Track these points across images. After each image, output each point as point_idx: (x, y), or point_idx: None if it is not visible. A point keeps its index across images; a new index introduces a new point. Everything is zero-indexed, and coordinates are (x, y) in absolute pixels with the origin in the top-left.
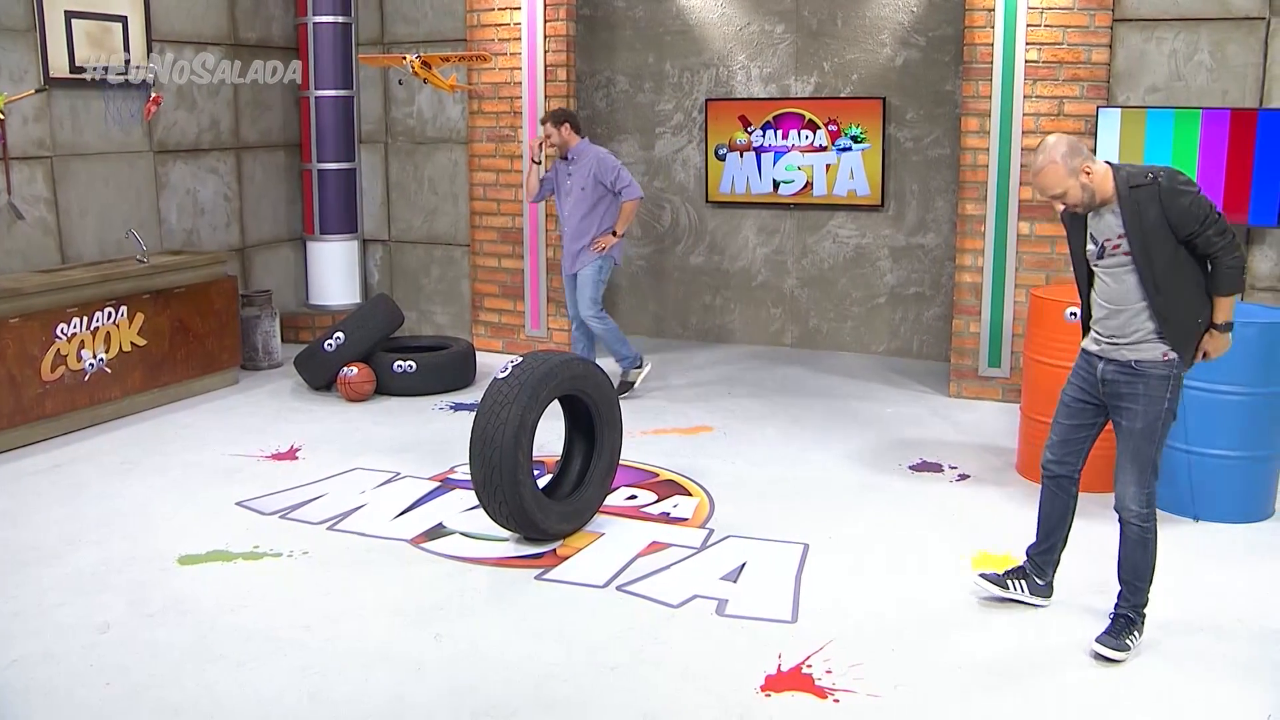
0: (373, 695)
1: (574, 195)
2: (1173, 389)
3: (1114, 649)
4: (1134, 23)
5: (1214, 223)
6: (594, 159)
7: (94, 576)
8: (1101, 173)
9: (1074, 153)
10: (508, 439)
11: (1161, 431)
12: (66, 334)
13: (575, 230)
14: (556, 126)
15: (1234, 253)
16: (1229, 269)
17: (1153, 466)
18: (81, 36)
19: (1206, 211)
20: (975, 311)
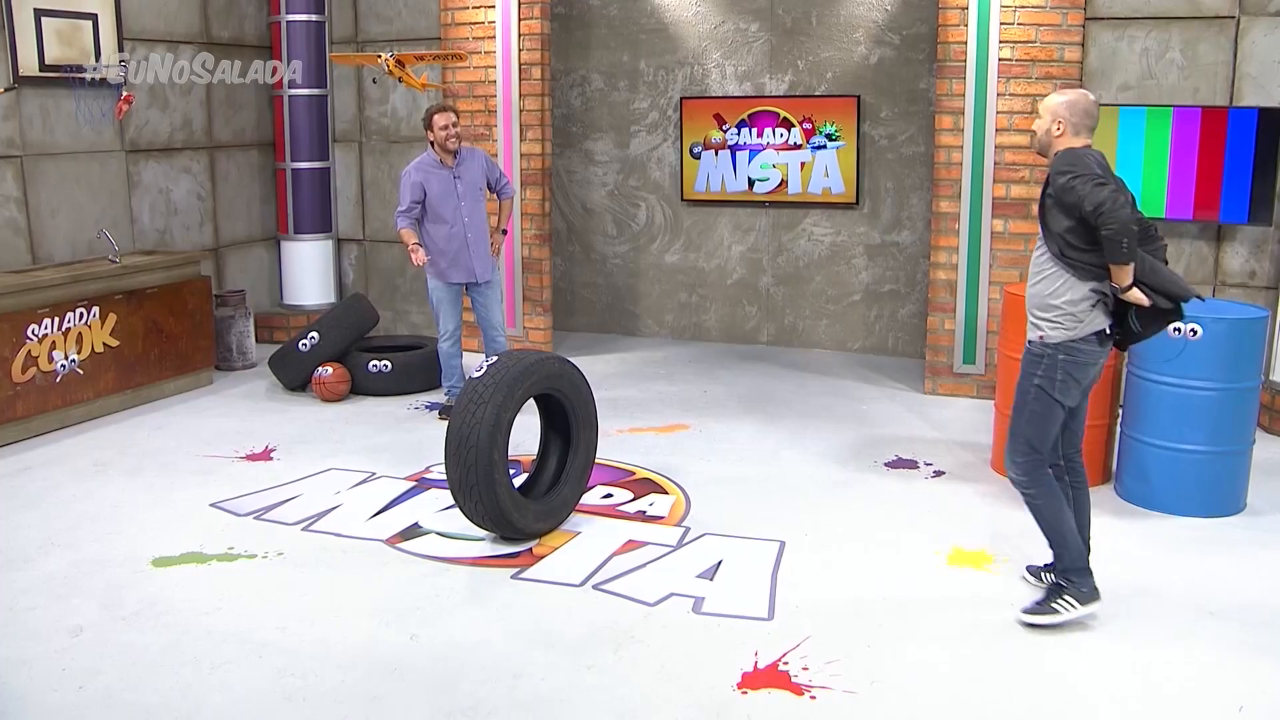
0: (349, 696)
1: (470, 198)
2: (1044, 369)
3: (1032, 613)
4: (1106, 21)
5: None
6: (482, 158)
7: (66, 580)
8: (1063, 142)
9: (1073, 111)
10: (483, 438)
11: (1029, 407)
12: (37, 335)
13: (482, 233)
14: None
15: (1110, 225)
16: (1106, 239)
17: (1024, 440)
18: (51, 35)
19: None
20: (950, 309)
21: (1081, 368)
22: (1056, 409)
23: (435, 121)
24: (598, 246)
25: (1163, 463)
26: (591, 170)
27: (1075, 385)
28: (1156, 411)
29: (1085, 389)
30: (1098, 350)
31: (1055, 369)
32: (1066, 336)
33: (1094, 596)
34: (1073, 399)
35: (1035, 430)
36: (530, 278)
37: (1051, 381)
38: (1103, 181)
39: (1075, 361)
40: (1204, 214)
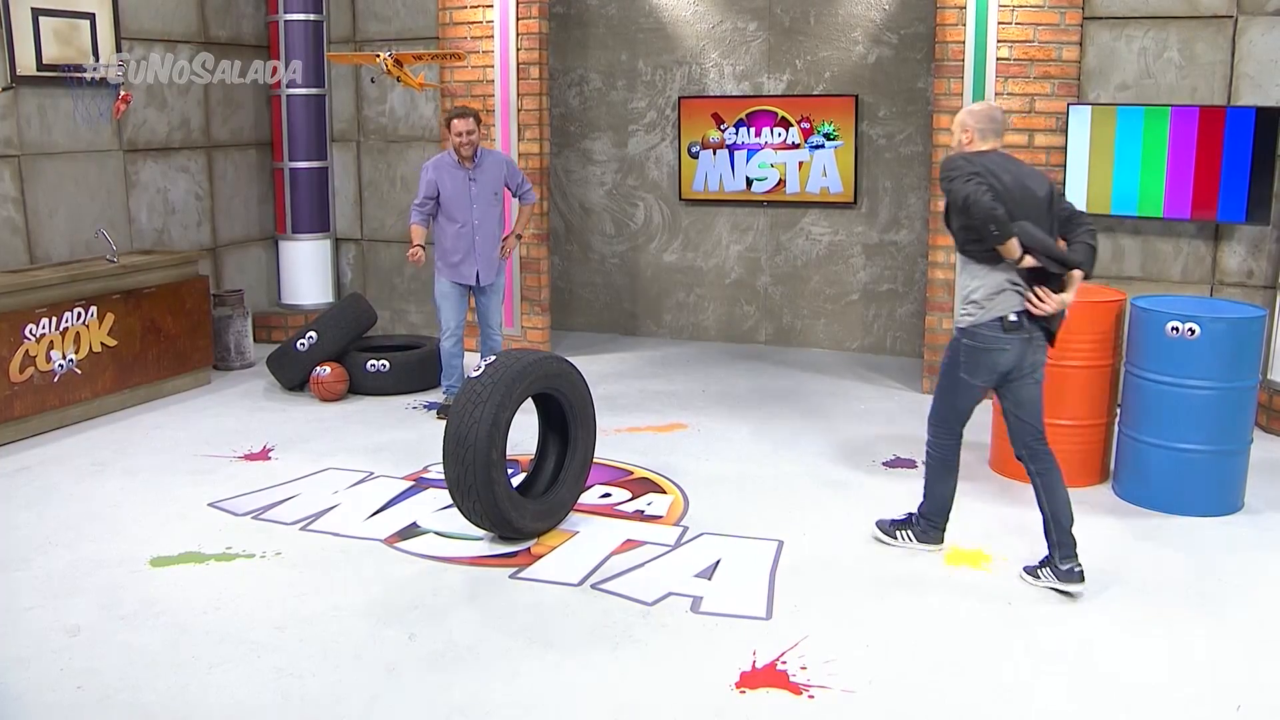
0: (347, 696)
1: (484, 201)
2: (953, 351)
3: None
4: (1104, 20)
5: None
6: (503, 162)
7: (64, 579)
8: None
9: (978, 119)
10: (481, 438)
11: (942, 384)
12: (35, 335)
13: (491, 237)
14: (478, 125)
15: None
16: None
17: (939, 411)
18: (49, 34)
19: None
20: (948, 308)
21: (985, 352)
22: (965, 385)
23: (454, 126)
24: (596, 246)
25: (1161, 462)
26: (590, 170)
27: (983, 368)
28: (1154, 411)
29: (1005, 374)
30: (1002, 336)
31: (959, 353)
32: (970, 323)
33: (935, 541)
34: (982, 379)
35: (948, 405)
36: (528, 277)
37: (957, 363)
38: (970, 177)
39: (977, 346)
40: (1201, 213)
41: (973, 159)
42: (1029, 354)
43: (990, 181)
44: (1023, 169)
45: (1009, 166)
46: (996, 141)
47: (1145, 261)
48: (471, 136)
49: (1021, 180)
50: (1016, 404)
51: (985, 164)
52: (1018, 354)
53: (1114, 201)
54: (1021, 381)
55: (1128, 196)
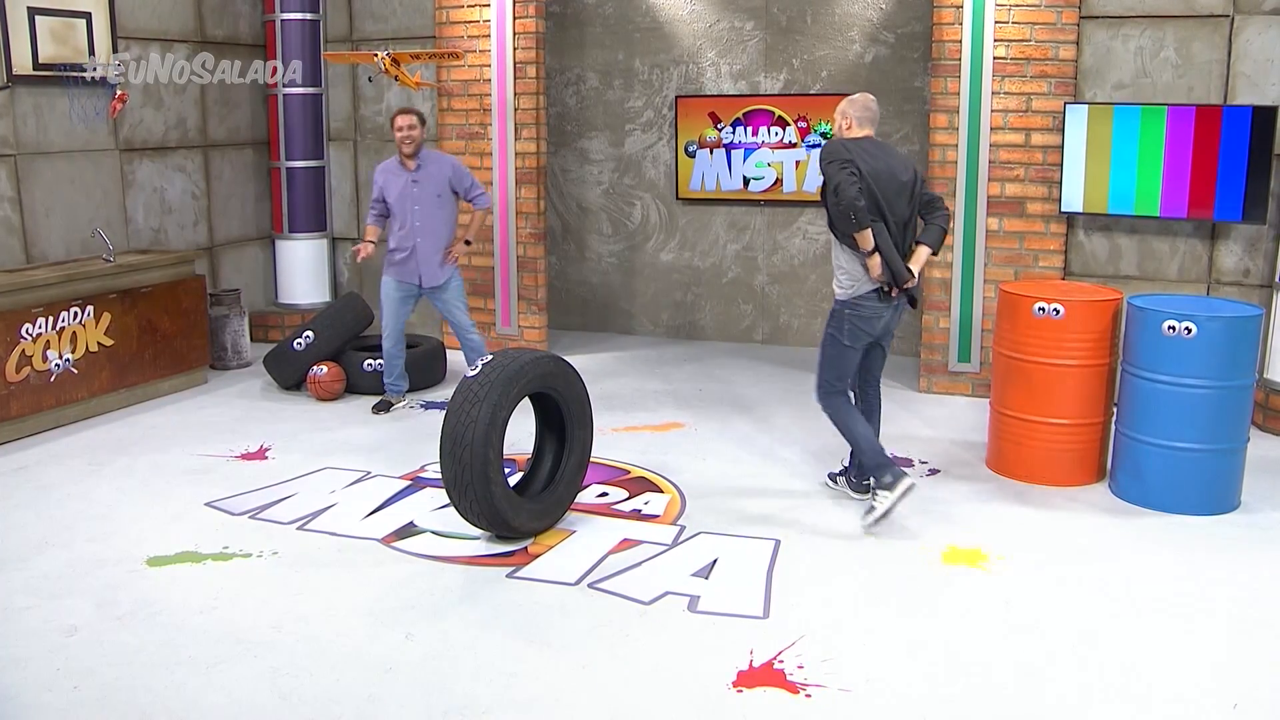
0: (344, 695)
1: (426, 203)
2: (835, 321)
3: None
4: (1101, 20)
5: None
6: (448, 165)
7: (61, 579)
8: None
9: (855, 107)
10: (478, 437)
11: (827, 351)
12: (32, 334)
13: (435, 240)
14: (421, 124)
15: (840, 202)
16: (838, 213)
17: (826, 376)
18: (45, 33)
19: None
20: (945, 307)
21: (865, 320)
22: (848, 352)
23: (395, 122)
24: (593, 245)
25: (1157, 461)
26: (586, 169)
27: (862, 333)
28: (1151, 409)
29: (876, 337)
30: (878, 305)
31: (843, 321)
32: (848, 295)
33: (900, 478)
34: (861, 344)
35: (833, 369)
36: (525, 276)
37: (840, 330)
38: (845, 165)
39: (859, 315)
40: (1198, 212)
41: (849, 145)
42: (894, 320)
43: (861, 167)
44: (892, 155)
45: (879, 152)
46: (871, 129)
47: (1142, 260)
48: (412, 132)
49: (889, 165)
50: (874, 361)
51: (859, 150)
52: (888, 320)
53: (1111, 200)
54: (881, 343)
55: (1124, 195)
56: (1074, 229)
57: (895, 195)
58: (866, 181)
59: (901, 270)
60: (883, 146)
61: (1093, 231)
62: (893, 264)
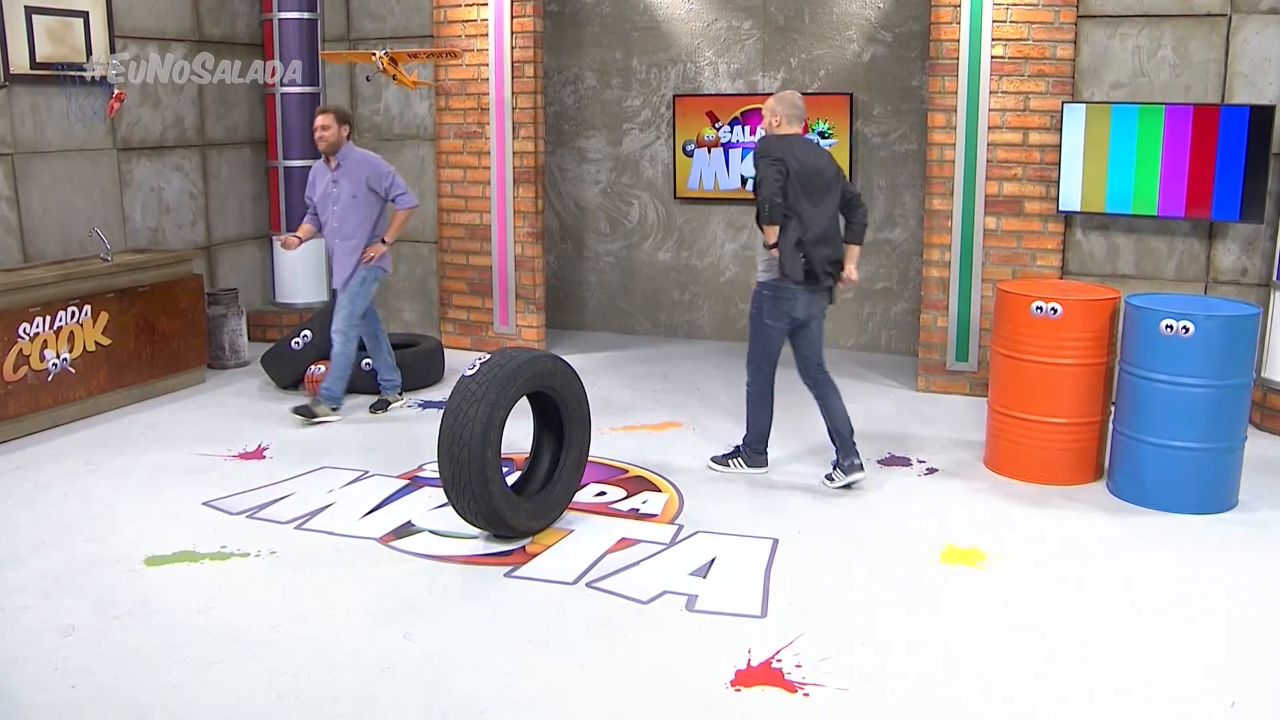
0: (342, 695)
1: (342, 203)
2: (757, 303)
3: (717, 462)
4: (1099, 19)
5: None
6: (365, 165)
7: (59, 579)
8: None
9: (784, 104)
10: (476, 436)
11: (753, 331)
12: (29, 334)
13: (347, 241)
14: (339, 123)
15: (759, 196)
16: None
17: (755, 355)
18: (42, 32)
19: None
20: (943, 306)
21: (783, 301)
22: (771, 330)
23: (314, 121)
24: (590, 244)
25: (1155, 460)
26: (584, 168)
27: (781, 314)
28: (1149, 408)
29: (801, 321)
30: (794, 288)
31: (763, 302)
32: (769, 276)
33: (760, 465)
34: (781, 323)
35: (759, 345)
36: (523, 275)
37: (761, 310)
38: (775, 162)
39: (776, 296)
40: (1196, 212)
41: (781, 142)
42: (815, 303)
43: (791, 164)
44: (818, 153)
45: (807, 149)
46: (799, 125)
47: (1139, 260)
48: (325, 132)
49: (815, 162)
50: (805, 344)
51: (790, 146)
52: (806, 303)
53: (1108, 200)
54: (808, 326)
55: (1122, 195)
56: (1072, 228)
57: (821, 190)
58: (795, 178)
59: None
60: (810, 144)
61: (1090, 231)
62: (786, 261)
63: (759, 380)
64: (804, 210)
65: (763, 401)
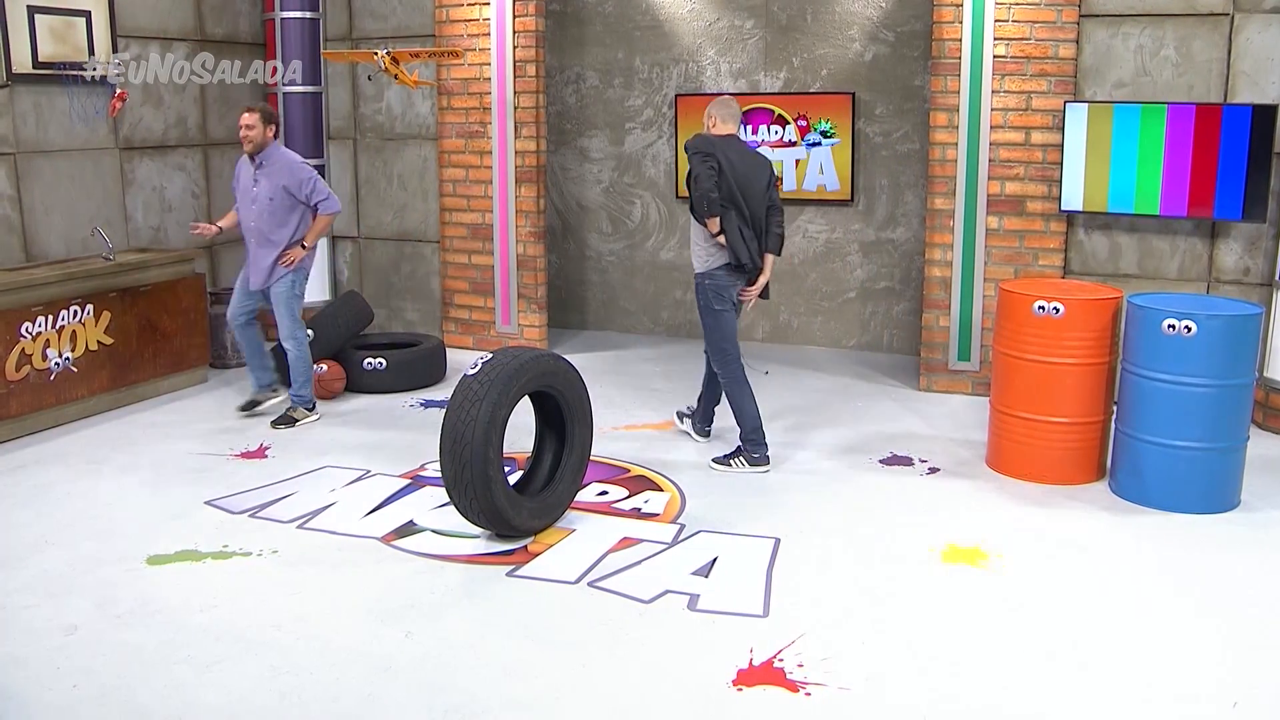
0: (344, 694)
1: (260, 204)
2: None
3: (718, 463)
4: (1101, 18)
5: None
6: (285, 170)
7: (61, 578)
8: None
9: (720, 106)
10: (478, 436)
11: (706, 323)
12: (31, 333)
13: (263, 241)
14: (264, 123)
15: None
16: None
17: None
18: (44, 32)
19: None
20: (945, 306)
21: (722, 287)
22: (723, 315)
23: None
24: (592, 244)
25: (1157, 459)
26: (586, 167)
27: (723, 297)
28: (1151, 408)
29: (735, 303)
30: (729, 276)
31: (706, 290)
32: (704, 268)
33: (763, 463)
34: (727, 305)
35: (718, 332)
36: (525, 275)
37: (707, 299)
38: (707, 158)
39: (715, 283)
40: (1198, 211)
41: (714, 141)
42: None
43: (723, 162)
44: (750, 155)
45: (741, 150)
46: (734, 126)
47: (1142, 259)
48: (250, 132)
49: (747, 162)
50: None
51: (723, 146)
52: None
53: (1110, 199)
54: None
55: (1124, 194)
56: (1074, 227)
57: (751, 190)
58: (727, 176)
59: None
60: (744, 146)
61: (1092, 230)
62: (735, 248)
63: (728, 365)
64: (739, 202)
65: (740, 385)
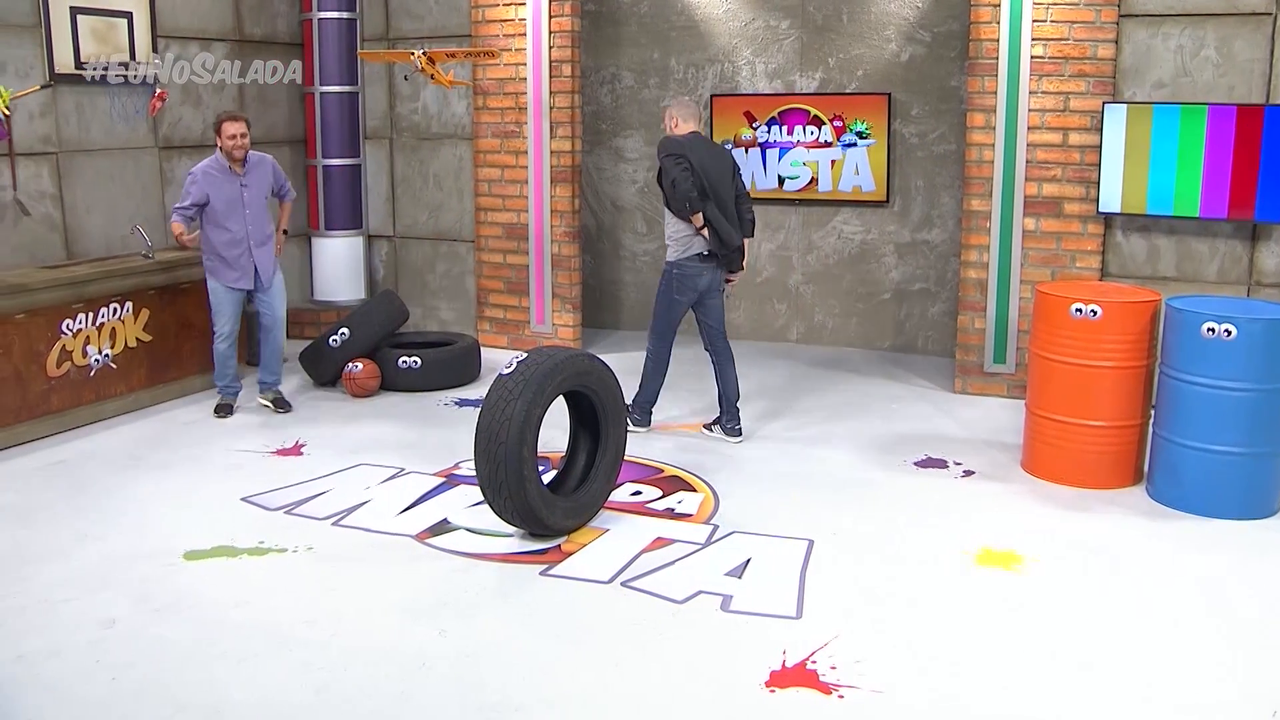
0: (377, 691)
1: (256, 207)
2: (666, 279)
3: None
4: (1140, 18)
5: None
6: (270, 167)
7: (99, 572)
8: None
9: (680, 107)
10: (513, 435)
11: (659, 304)
12: (72, 330)
13: (262, 241)
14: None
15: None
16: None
17: (657, 328)
18: (87, 32)
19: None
20: (980, 307)
21: (689, 278)
22: (676, 304)
23: (224, 129)
24: (627, 244)
25: (1196, 464)
26: (621, 167)
27: (687, 289)
28: (1190, 412)
29: (702, 292)
30: (699, 265)
31: (672, 280)
32: (676, 257)
33: (645, 425)
34: (687, 298)
35: (665, 320)
36: (559, 275)
37: (670, 287)
38: (679, 160)
39: (684, 273)
40: (1239, 213)
41: (681, 141)
42: (716, 279)
43: (693, 159)
44: (714, 148)
45: (706, 146)
46: (695, 123)
47: (1180, 262)
48: (244, 140)
49: (713, 156)
50: (709, 315)
51: (688, 143)
52: (710, 278)
53: (1149, 201)
54: (710, 298)
55: (1163, 196)
56: (1112, 229)
57: (719, 181)
58: (698, 172)
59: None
60: (706, 140)
61: (1131, 232)
62: (723, 234)
63: (660, 349)
64: (711, 194)
65: (660, 369)
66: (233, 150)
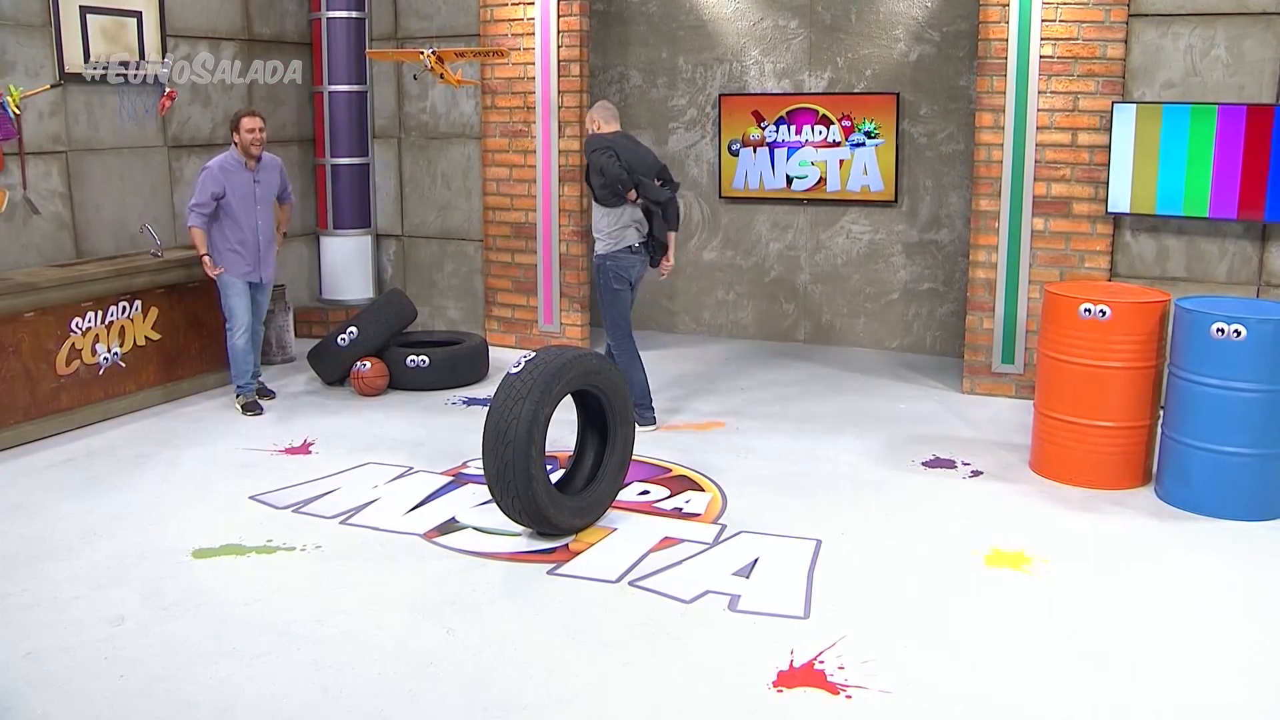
0: (385, 690)
1: (265, 204)
2: (603, 273)
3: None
4: (1150, 18)
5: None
6: (279, 168)
7: (108, 570)
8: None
9: (601, 110)
10: (521, 434)
11: (605, 299)
12: (81, 328)
13: (269, 238)
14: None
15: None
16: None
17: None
18: (96, 32)
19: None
20: (989, 308)
21: (622, 268)
22: (620, 294)
23: (242, 125)
24: None
25: (1205, 465)
26: None
27: (622, 279)
28: (1198, 413)
29: (632, 283)
30: (631, 257)
31: (608, 272)
32: (608, 250)
33: (650, 423)
34: (625, 286)
35: (616, 312)
36: (567, 274)
37: (609, 280)
38: (605, 151)
39: (617, 264)
40: (1249, 213)
41: (606, 138)
42: (643, 270)
43: (621, 154)
44: (638, 147)
45: (628, 143)
46: (616, 124)
47: (1190, 262)
48: (262, 135)
49: (638, 153)
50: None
51: (613, 141)
52: (640, 268)
53: (1159, 201)
54: (633, 290)
55: (1173, 196)
56: (1121, 230)
57: (645, 175)
58: (623, 164)
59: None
60: (629, 138)
61: (1140, 232)
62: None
63: (622, 339)
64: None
65: (634, 361)
66: (250, 145)
